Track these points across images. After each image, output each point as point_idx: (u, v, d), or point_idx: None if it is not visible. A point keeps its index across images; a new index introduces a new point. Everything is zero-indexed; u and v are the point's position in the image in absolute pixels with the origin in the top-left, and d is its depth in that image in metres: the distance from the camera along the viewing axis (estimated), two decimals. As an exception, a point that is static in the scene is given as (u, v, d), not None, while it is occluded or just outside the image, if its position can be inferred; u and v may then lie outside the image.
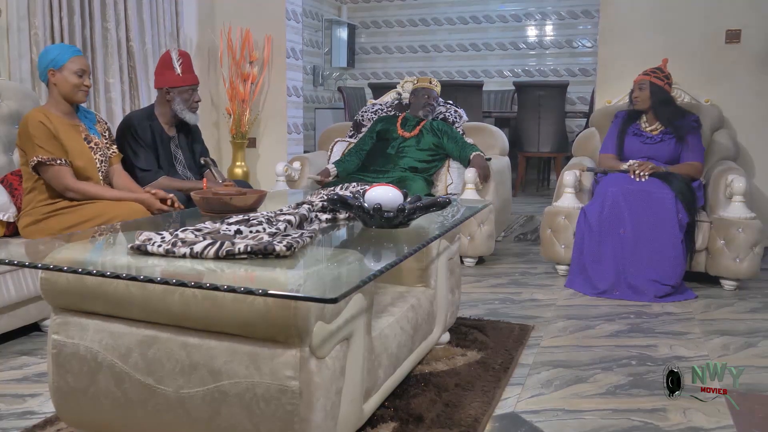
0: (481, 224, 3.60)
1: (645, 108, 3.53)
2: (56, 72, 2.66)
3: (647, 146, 3.49)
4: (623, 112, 3.67)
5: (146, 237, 1.54)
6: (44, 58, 2.68)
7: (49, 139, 2.59)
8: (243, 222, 1.70)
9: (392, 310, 1.94)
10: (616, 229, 3.21)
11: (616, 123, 3.66)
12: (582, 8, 7.61)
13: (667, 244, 3.15)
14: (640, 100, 3.51)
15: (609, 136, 3.66)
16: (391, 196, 1.94)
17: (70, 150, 2.65)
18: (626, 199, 3.21)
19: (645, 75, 3.53)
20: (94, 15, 3.83)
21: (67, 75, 2.67)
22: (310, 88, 7.76)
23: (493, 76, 8.04)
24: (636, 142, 3.52)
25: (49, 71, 2.66)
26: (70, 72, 2.67)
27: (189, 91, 3.18)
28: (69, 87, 2.68)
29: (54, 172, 2.60)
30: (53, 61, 2.66)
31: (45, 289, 1.61)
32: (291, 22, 5.13)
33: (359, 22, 8.50)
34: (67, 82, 2.67)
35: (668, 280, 3.13)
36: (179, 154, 3.26)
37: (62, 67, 2.66)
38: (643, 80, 3.52)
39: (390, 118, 4.03)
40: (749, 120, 4.01)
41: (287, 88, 5.12)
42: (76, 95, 2.70)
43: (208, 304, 1.42)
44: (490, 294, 3.23)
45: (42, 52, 2.73)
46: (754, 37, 4.04)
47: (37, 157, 2.57)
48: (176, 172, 3.22)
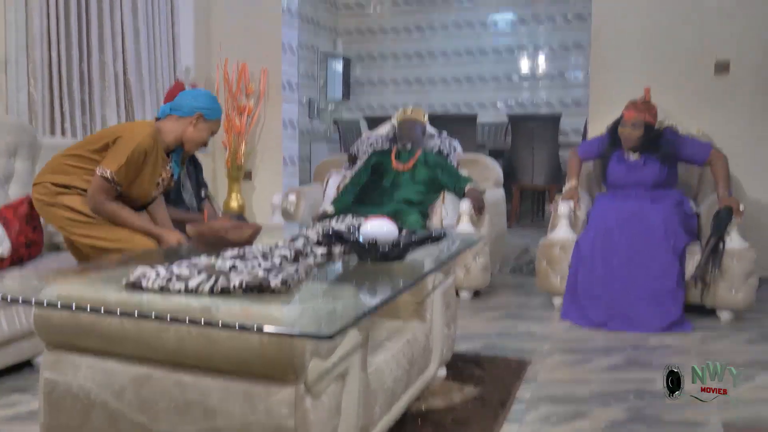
0: (476, 256, 3.60)
1: (633, 147, 3.48)
2: (202, 121, 2.62)
3: (632, 173, 3.48)
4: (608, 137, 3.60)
5: (141, 272, 1.53)
6: (203, 100, 2.64)
7: (134, 168, 2.53)
8: (238, 257, 1.70)
9: (388, 345, 1.93)
10: (609, 258, 3.21)
11: (602, 140, 3.64)
12: (573, 41, 7.72)
13: (662, 272, 3.14)
14: (632, 140, 3.45)
15: (592, 144, 3.73)
16: (386, 230, 1.94)
17: (139, 182, 2.59)
18: (619, 226, 3.22)
19: (638, 112, 3.43)
20: (92, 48, 3.87)
21: (206, 130, 2.65)
22: (306, 120, 7.81)
23: (486, 108, 8.11)
24: (620, 170, 3.51)
25: (198, 114, 2.60)
26: (210, 130, 2.66)
27: None
28: (198, 140, 2.65)
29: (101, 188, 2.50)
30: (208, 111, 2.63)
31: (38, 325, 1.59)
32: (287, 56, 5.18)
33: (354, 55, 8.60)
34: (201, 136, 2.64)
35: (666, 310, 3.11)
36: (187, 183, 3.32)
37: (208, 121, 2.64)
38: (637, 119, 3.42)
39: (385, 151, 4.06)
40: (741, 150, 4.04)
41: (283, 121, 5.15)
42: (192, 148, 2.69)
43: (202, 341, 1.41)
44: (487, 327, 3.22)
45: (205, 92, 2.72)
46: (742, 68, 4.10)
47: (110, 172, 2.47)
48: (183, 201, 3.27)
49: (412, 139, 3.98)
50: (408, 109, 4.14)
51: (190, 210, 3.27)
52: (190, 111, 2.61)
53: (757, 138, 4.13)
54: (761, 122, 4.14)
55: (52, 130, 3.63)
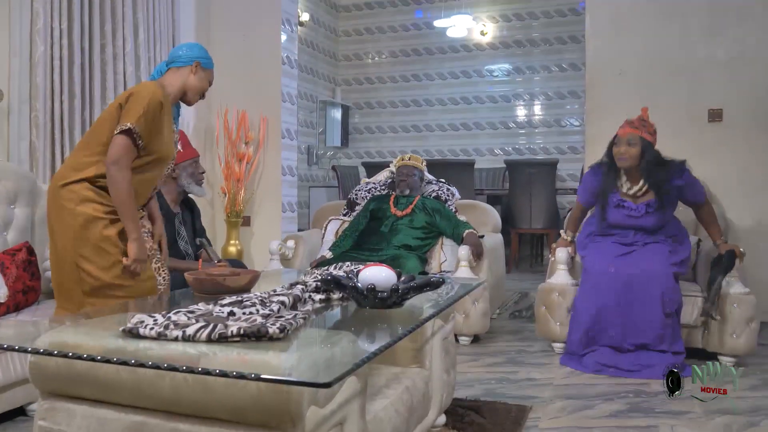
0: (475, 302, 3.59)
1: (630, 167, 3.24)
2: (200, 69, 2.61)
3: (632, 219, 3.29)
4: (599, 168, 3.38)
5: (138, 320, 1.53)
6: (197, 50, 2.63)
7: (152, 119, 2.42)
8: (236, 303, 1.69)
9: (387, 392, 1.91)
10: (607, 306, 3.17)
11: (595, 179, 3.39)
12: (569, 89, 7.86)
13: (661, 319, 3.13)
14: (628, 157, 3.20)
15: (586, 185, 3.47)
16: (384, 276, 1.94)
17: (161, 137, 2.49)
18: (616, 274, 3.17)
19: (633, 128, 3.21)
20: (95, 98, 3.93)
21: (205, 78, 2.64)
22: (305, 166, 7.89)
23: (484, 154, 8.21)
24: (619, 215, 3.31)
25: (196, 62, 2.59)
26: (208, 79, 2.66)
27: (193, 164, 3.31)
28: (200, 88, 2.63)
29: (123, 145, 2.36)
30: (205, 60, 2.63)
31: (33, 373, 1.58)
32: (286, 104, 5.26)
33: (353, 103, 8.73)
34: (202, 84, 2.63)
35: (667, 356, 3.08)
36: (182, 230, 3.33)
37: (206, 69, 2.64)
38: (632, 135, 3.19)
39: (383, 197, 4.09)
40: (737, 196, 4.07)
41: (282, 168, 5.20)
42: (194, 98, 2.66)
43: (199, 389, 1.39)
44: (487, 373, 3.18)
45: (194, 44, 2.70)
46: (735, 115, 4.17)
47: (131, 124, 2.34)
48: (179, 248, 3.27)
49: (410, 186, 4.02)
50: (406, 156, 4.19)
51: (186, 257, 3.27)
52: (189, 60, 2.60)
53: (752, 183, 4.17)
54: (755, 168, 4.19)
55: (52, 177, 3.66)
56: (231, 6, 5.19)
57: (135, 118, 2.36)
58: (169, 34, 4.59)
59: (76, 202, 2.37)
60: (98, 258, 2.36)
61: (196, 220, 3.46)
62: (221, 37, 5.14)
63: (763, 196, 4.19)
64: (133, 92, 2.43)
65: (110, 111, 2.45)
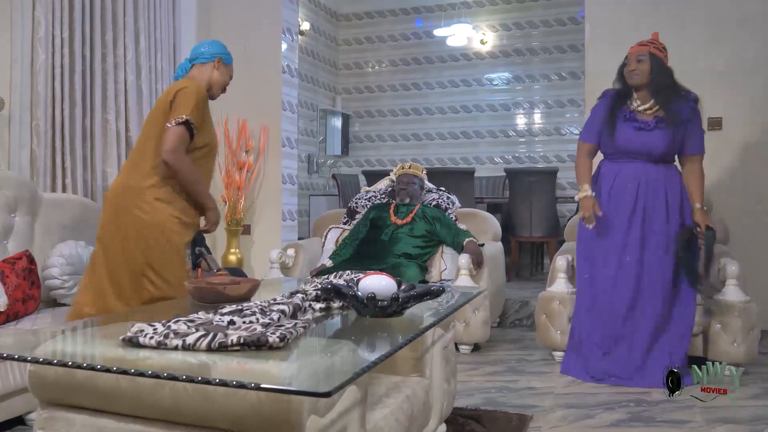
0: (475, 310, 3.58)
1: (642, 83, 3.14)
2: (222, 65, 2.78)
3: (641, 135, 3.13)
4: (612, 91, 3.27)
5: (138, 328, 1.52)
6: (218, 46, 2.80)
7: (202, 111, 2.60)
8: (236, 312, 1.69)
9: (387, 401, 1.90)
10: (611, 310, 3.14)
11: (603, 103, 3.26)
12: (568, 98, 7.87)
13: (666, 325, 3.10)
14: (639, 73, 3.11)
15: (593, 117, 3.29)
16: (384, 284, 1.94)
17: (209, 126, 2.69)
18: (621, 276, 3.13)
19: (642, 46, 3.15)
20: (95, 106, 3.94)
21: (226, 73, 2.81)
22: (305, 175, 7.89)
23: (484, 162, 8.21)
24: (628, 130, 3.15)
25: (218, 58, 2.76)
26: (229, 74, 2.83)
27: None
28: (222, 83, 2.80)
29: (179, 136, 2.49)
30: (226, 55, 2.80)
31: (33, 382, 1.57)
32: (287, 113, 5.28)
33: (353, 111, 8.75)
34: (224, 79, 2.80)
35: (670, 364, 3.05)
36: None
37: (227, 65, 2.81)
38: (641, 51, 3.12)
39: (383, 205, 4.09)
40: (736, 204, 4.08)
41: (282, 176, 5.20)
42: (217, 93, 2.81)
43: (199, 398, 1.39)
44: (487, 382, 3.18)
45: (215, 41, 2.85)
46: (734, 125, 4.18)
47: (189, 116, 2.50)
48: None
49: (410, 194, 4.02)
50: (406, 165, 4.20)
51: None
52: (211, 56, 2.76)
53: (752, 191, 4.17)
54: (754, 176, 4.19)
55: (53, 185, 3.66)
56: (232, 15, 5.21)
57: (189, 109, 2.52)
58: (170, 43, 4.60)
59: (149, 208, 2.50)
60: (166, 271, 2.49)
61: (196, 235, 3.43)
62: (222, 45, 5.15)
63: (762, 204, 4.20)
64: (180, 89, 2.59)
65: (162, 112, 2.58)
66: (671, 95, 3.12)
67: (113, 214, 2.55)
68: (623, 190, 3.20)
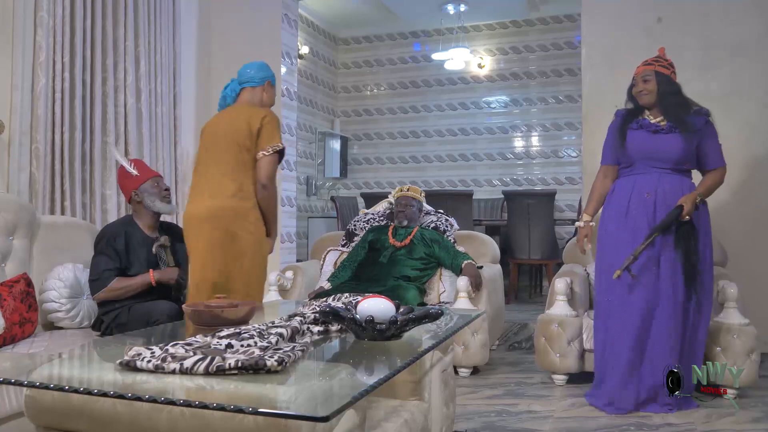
0: (474, 333, 3.57)
1: (651, 102, 3.11)
2: (269, 87, 3.01)
3: (654, 138, 3.07)
4: (624, 110, 3.24)
5: (136, 352, 1.52)
6: (266, 70, 3.02)
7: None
8: (234, 335, 1.68)
9: (385, 425, 1.89)
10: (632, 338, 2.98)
11: (615, 122, 3.24)
12: (565, 121, 7.94)
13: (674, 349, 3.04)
14: (647, 92, 3.09)
15: (607, 138, 3.27)
16: (383, 307, 1.93)
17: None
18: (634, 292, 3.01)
19: (647, 65, 3.14)
20: (95, 130, 3.96)
21: (273, 95, 3.06)
22: (304, 197, 7.91)
23: (482, 185, 8.25)
24: (640, 136, 3.10)
25: (267, 81, 3.00)
26: (274, 95, 3.08)
27: (153, 183, 3.15)
28: (271, 104, 3.03)
29: (275, 162, 2.83)
30: (273, 78, 3.04)
31: (29, 406, 1.56)
32: (286, 135, 5.30)
33: (351, 134, 8.80)
34: (271, 99, 3.04)
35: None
36: (163, 253, 3.24)
37: (273, 86, 3.05)
38: (646, 71, 3.11)
39: (381, 228, 4.09)
40: (735, 227, 4.09)
41: (281, 199, 5.21)
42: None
43: (196, 423, 1.38)
44: (486, 406, 3.15)
45: (261, 63, 3.04)
46: (729, 148, 4.17)
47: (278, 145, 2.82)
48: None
49: (408, 217, 4.03)
50: (405, 187, 4.21)
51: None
52: (261, 80, 2.98)
53: (750, 215, 4.18)
54: (752, 200, 4.21)
55: (52, 208, 3.67)
56: (231, 39, 5.26)
57: (279, 137, 2.83)
58: (170, 67, 4.64)
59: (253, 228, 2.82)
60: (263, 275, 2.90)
61: (179, 242, 3.36)
62: (222, 69, 5.19)
63: (760, 227, 4.21)
64: (264, 115, 2.84)
65: (245, 136, 2.81)
66: (681, 112, 3.08)
67: (226, 238, 2.80)
68: (639, 203, 3.08)
